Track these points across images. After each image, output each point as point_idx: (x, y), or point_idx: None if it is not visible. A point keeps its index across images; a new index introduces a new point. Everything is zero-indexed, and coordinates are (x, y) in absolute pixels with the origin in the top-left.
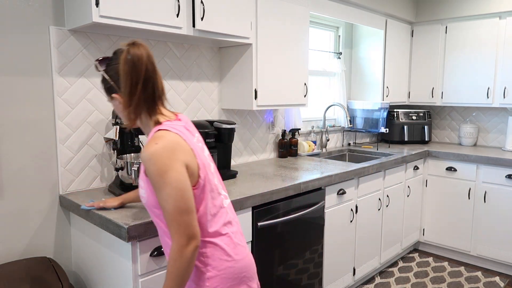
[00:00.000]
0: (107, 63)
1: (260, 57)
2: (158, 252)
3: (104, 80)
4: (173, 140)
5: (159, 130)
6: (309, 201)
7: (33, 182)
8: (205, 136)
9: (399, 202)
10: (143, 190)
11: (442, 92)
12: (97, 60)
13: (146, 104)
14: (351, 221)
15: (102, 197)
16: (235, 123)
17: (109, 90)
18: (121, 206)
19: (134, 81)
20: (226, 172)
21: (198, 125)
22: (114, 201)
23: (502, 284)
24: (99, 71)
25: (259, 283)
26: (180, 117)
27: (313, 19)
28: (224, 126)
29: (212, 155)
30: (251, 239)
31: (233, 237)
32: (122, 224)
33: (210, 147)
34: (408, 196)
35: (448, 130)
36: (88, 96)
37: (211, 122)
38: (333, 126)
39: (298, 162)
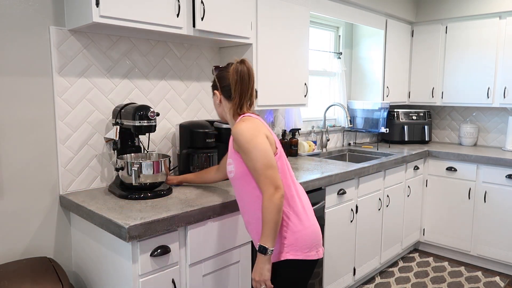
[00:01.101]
0: (220, 69)
1: (260, 57)
2: (158, 252)
3: (213, 81)
4: (256, 121)
5: (244, 115)
6: (310, 201)
7: (33, 182)
8: (205, 136)
9: (399, 202)
10: (232, 166)
11: (442, 92)
12: (214, 66)
13: (238, 105)
14: (351, 221)
15: (103, 197)
16: None
17: (214, 87)
18: (179, 184)
19: (235, 87)
20: None
21: (199, 125)
22: (174, 178)
23: (502, 284)
24: (213, 74)
25: (323, 249)
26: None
27: (313, 19)
28: (225, 126)
29: (212, 155)
30: (251, 239)
31: (305, 206)
32: (122, 224)
33: (210, 147)
34: (408, 196)
35: (448, 130)
36: (88, 96)
37: (211, 122)
38: (333, 126)
39: (298, 162)
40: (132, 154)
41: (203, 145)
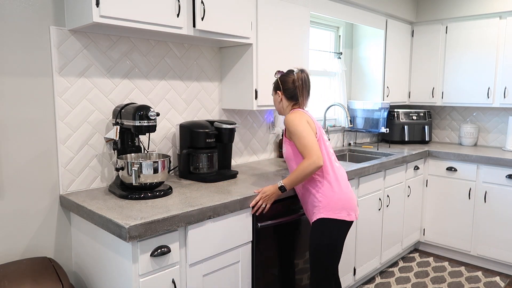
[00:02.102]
0: (282, 74)
1: (260, 57)
2: (158, 252)
3: (276, 83)
4: (301, 112)
5: (293, 110)
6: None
7: (33, 182)
8: (205, 136)
9: (399, 202)
10: (285, 148)
11: (442, 92)
12: (277, 71)
13: (294, 102)
14: None
15: (103, 197)
16: (235, 123)
17: (277, 88)
18: None
19: (300, 91)
20: (227, 172)
21: (199, 125)
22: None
23: (502, 284)
24: (276, 77)
25: (357, 215)
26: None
27: (313, 19)
28: (225, 126)
29: (212, 155)
30: (251, 239)
31: (339, 180)
32: (122, 224)
33: (210, 147)
34: (408, 196)
35: (449, 130)
36: (89, 96)
37: (211, 122)
38: (334, 126)
39: None
40: (132, 154)
41: (203, 145)
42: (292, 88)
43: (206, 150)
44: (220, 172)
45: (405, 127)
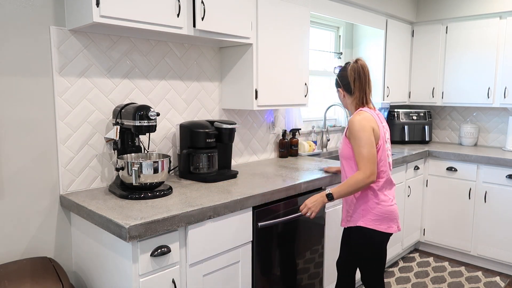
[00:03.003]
0: (340, 70)
1: (260, 57)
2: (158, 252)
3: (336, 79)
4: (368, 115)
5: (361, 110)
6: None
7: (33, 182)
8: (205, 136)
9: (399, 202)
10: (341, 146)
11: (442, 92)
12: (335, 67)
13: (359, 98)
14: None
15: (103, 197)
16: (235, 123)
17: (337, 85)
18: (336, 173)
19: (353, 84)
20: (227, 172)
21: (199, 125)
22: (334, 168)
23: (502, 284)
24: (335, 73)
25: (399, 226)
26: (376, 111)
27: (313, 19)
28: (225, 126)
29: (212, 155)
30: (251, 239)
31: (386, 191)
32: (122, 224)
33: (210, 147)
34: (408, 196)
35: (449, 130)
36: (89, 96)
37: (211, 122)
38: (334, 126)
39: (298, 162)
40: (133, 154)
41: (203, 145)
42: (348, 82)
43: (206, 150)
44: (220, 172)
45: (405, 127)
